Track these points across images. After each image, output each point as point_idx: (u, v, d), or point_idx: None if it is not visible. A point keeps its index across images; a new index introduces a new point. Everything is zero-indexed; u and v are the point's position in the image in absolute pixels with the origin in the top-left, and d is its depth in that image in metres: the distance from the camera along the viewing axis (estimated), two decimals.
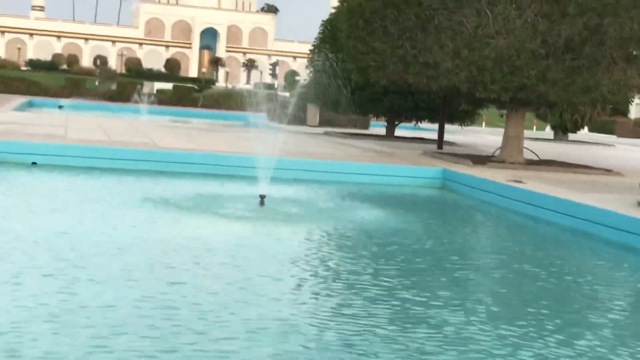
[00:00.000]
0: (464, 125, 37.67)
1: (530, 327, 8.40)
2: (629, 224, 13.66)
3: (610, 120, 60.26)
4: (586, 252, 13.95)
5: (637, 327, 9.36)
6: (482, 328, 8.25)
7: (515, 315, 9.15)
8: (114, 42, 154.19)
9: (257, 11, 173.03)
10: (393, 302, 9.10)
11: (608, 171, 23.28)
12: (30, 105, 42.94)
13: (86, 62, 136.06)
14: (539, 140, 38.36)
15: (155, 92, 63.92)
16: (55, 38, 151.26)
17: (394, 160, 23.32)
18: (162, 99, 59.50)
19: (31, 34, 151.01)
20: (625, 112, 64.45)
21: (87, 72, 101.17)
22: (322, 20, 36.53)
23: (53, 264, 9.62)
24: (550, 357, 7.42)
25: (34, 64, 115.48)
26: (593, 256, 13.58)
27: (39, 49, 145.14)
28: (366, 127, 42.16)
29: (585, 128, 51.20)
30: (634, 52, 21.69)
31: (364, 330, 7.75)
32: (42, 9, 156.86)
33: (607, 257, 13.50)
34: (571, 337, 8.18)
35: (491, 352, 7.39)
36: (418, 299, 9.34)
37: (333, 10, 35.70)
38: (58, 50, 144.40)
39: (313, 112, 41.07)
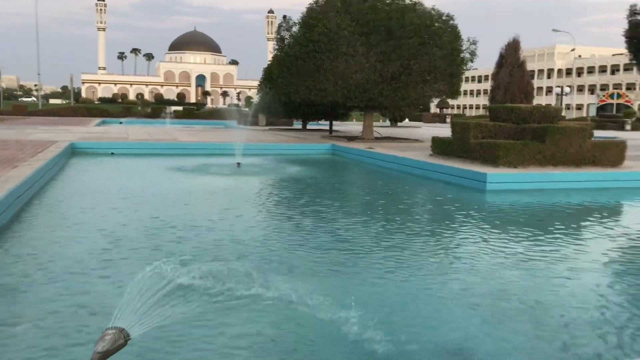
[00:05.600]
0: (342, 121, 38.39)
1: (372, 213, 9.37)
2: (426, 165, 14.74)
3: (419, 114, 61.45)
4: (405, 180, 14.54)
5: (423, 204, 10.46)
6: (343, 213, 9.20)
7: (364, 203, 10.16)
8: (147, 85, 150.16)
9: (227, 64, 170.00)
10: (308, 202, 10.00)
11: (417, 140, 24.31)
12: (103, 122, 41.86)
13: (132, 97, 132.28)
14: (382, 127, 39.23)
15: (172, 112, 62.65)
16: (113, 84, 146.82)
17: (306, 141, 23.82)
18: (177, 115, 58.49)
19: (99, 83, 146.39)
20: (427, 109, 66.02)
21: (133, 103, 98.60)
22: (264, 68, 36.78)
23: (130, 199, 10.19)
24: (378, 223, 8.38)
25: (102, 100, 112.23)
26: (408, 182, 14.25)
27: (104, 91, 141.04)
28: (291, 125, 42.41)
29: (406, 119, 52.26)
30: (427, 78, 22.38)
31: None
32: (104, 68, 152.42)
33: (416, 182, 14.15)
34: (392, 213, 9.20)
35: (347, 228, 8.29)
36: (322, 207, 10.22)
37: (269, 62, 35.90)
38: (115, 91, 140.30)
39: (262, 118, 41.18)
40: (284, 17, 26.55)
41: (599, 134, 18.65)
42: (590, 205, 11.38)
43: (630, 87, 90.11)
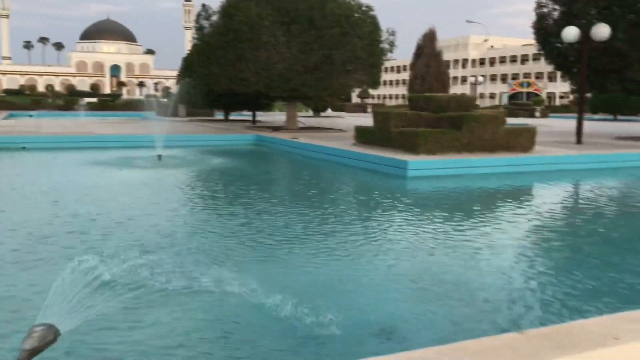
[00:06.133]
0: (265, 111, 38.23)
1: (298, 202, 9.51)
2: (349, 154, 15.02)
3: (342, 104, 61.86)
4: (330, 169, 14.80)
5: (347, 192, 10.68)
6: (276, 201, 9.29)
7: (290, 193, 10.28)
8: (57, 75, 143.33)
9: (143, 53, 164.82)
10: (234, 193, 9.98)
11: (340, 130, 24.64)
12: (11, 116, 39.57)
13: (41, 88, 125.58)
14: (305, 117, 39.45)
15: (86, 103, 59.90)
16: (19, 75, 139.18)
17: (230, 132, 23.70)
18: (91, 107, 56.00)
19: (4, 73, 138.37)
20: (349, 99, 66.64)
21: (43, 94, 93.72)
22: (183, 57, 36.02)
23: (46, 196, 9.78)
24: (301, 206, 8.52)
25: (8, 92, 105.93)
26: (333, 171, 14.51)
27: (10, 82, 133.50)
28: (212, 115, 41.72)
29: (329, 109, 52.44)
30: (349, 68, 22.65)
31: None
32: (9, 58, 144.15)
33: (340, 170, 14.42)
34: (317, 201, 9.39)
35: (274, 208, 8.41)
36: (248, 198, 10.24)
37: (188, 50, 35.14)
38: (22, 82, 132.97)
39: (182, 109, 40.24)
40: (203, 5, 26.08)
41: (511, 121, 19.61)
42: (505, 188, 12.05)
43: (539, 76, 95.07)
